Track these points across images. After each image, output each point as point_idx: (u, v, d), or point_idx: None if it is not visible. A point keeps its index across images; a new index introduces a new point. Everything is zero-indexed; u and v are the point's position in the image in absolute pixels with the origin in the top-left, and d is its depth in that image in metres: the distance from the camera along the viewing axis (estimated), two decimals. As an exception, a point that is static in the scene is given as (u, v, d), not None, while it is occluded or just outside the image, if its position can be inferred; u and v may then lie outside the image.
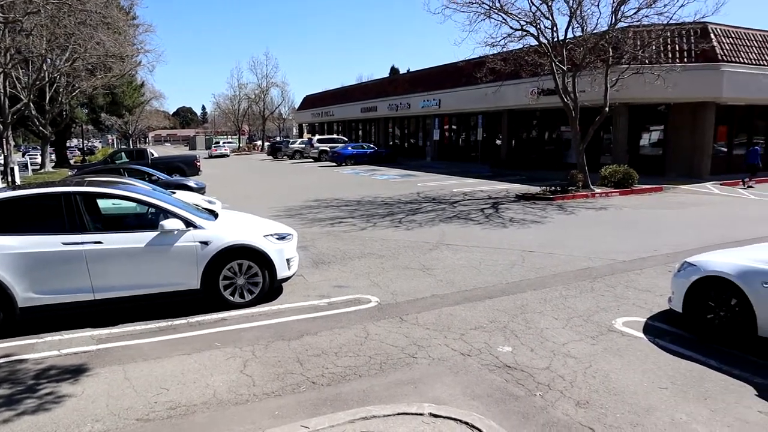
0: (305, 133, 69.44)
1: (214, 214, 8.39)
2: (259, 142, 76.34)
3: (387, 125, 49.90)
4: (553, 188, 19.85)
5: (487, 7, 19.90)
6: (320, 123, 64.76)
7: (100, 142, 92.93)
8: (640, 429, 4.50)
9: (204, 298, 7.44)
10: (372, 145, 43.07)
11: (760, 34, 26.38)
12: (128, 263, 6.98)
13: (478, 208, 17.14)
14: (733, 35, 25.25)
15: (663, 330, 6.65)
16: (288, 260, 7.94)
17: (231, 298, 7.53)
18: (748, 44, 25.46)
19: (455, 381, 5.35)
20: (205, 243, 7.29)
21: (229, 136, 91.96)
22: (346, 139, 50.45)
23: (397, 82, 48.53)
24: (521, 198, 19.19)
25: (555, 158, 30.41)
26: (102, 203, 8.12)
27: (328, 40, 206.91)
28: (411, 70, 56.64)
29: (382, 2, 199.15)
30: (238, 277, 7.56)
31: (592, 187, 20.27)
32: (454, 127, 40.84)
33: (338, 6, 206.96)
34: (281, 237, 7.99)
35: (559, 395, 5.06)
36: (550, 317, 7.11)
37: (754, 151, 22.66)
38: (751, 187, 22.03)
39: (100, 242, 6.86)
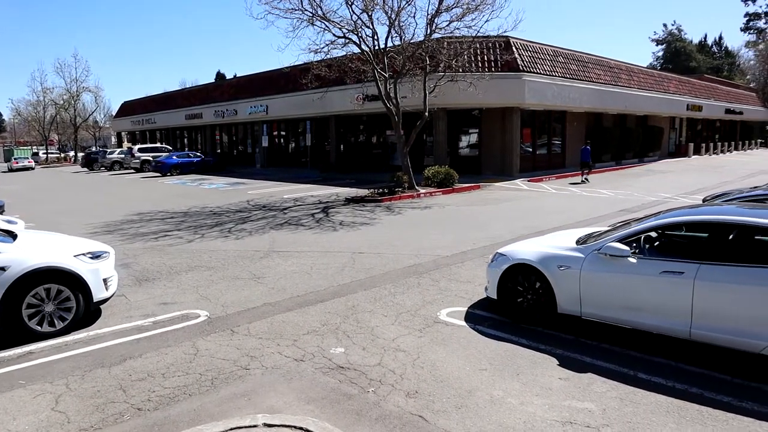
0: (125, 142, 64.55)
1: (12, 236, 7.48)
2: (72, 153, 69.38)
3: (214, 132, 48.22)
4: (381, 190, 20.62)
5: (310, 14, 20.15)
6: (141, 131, 60.67)
7: None
8: (464, 410, 4.85)
9: (5, 332, 6.59)
10: (199, 154, 41.40)
11: (551, 49, 30.01)
12: None
13: (308, 213, 17.24)
14: (531, 49, 28.34)
15: (482, 317, 7.24)
16: (105, 280, 7.32)
17: (38, 328, 6.74)
18: (543, 57, 28.77)
19: (289, 388, 5.33)
20: (2, 269, 6.46)
21: (35, 147, 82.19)
22: (170, 147, 47.78)
23: (223, 88, 47.01)
24: (351, 201, 19.66)
25: (382, 161, 31.60)
26: None
27: (147, 44, 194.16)
28: (237, 76, 55.11)
29: (205, 6, 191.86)
30: (47, 304, 6.80)
31: (417, 187, 21.40)
32: (283, 133, 40.65)
33: (158, 9, 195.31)
34: (96, 255, 7.35)
35: (391, 389, 5.27)
36: (380, 315, 7.37)
37: (586, 150, 25.48)
38: (586, 181, 24.85)
39: None
